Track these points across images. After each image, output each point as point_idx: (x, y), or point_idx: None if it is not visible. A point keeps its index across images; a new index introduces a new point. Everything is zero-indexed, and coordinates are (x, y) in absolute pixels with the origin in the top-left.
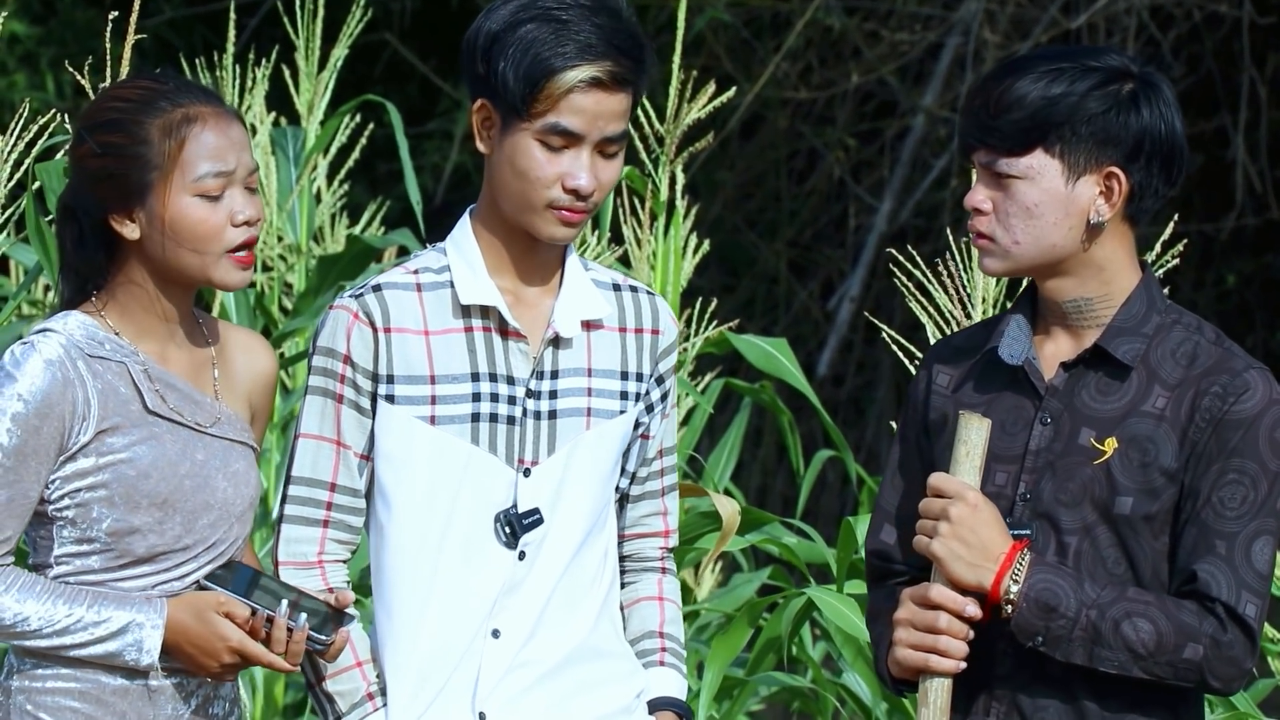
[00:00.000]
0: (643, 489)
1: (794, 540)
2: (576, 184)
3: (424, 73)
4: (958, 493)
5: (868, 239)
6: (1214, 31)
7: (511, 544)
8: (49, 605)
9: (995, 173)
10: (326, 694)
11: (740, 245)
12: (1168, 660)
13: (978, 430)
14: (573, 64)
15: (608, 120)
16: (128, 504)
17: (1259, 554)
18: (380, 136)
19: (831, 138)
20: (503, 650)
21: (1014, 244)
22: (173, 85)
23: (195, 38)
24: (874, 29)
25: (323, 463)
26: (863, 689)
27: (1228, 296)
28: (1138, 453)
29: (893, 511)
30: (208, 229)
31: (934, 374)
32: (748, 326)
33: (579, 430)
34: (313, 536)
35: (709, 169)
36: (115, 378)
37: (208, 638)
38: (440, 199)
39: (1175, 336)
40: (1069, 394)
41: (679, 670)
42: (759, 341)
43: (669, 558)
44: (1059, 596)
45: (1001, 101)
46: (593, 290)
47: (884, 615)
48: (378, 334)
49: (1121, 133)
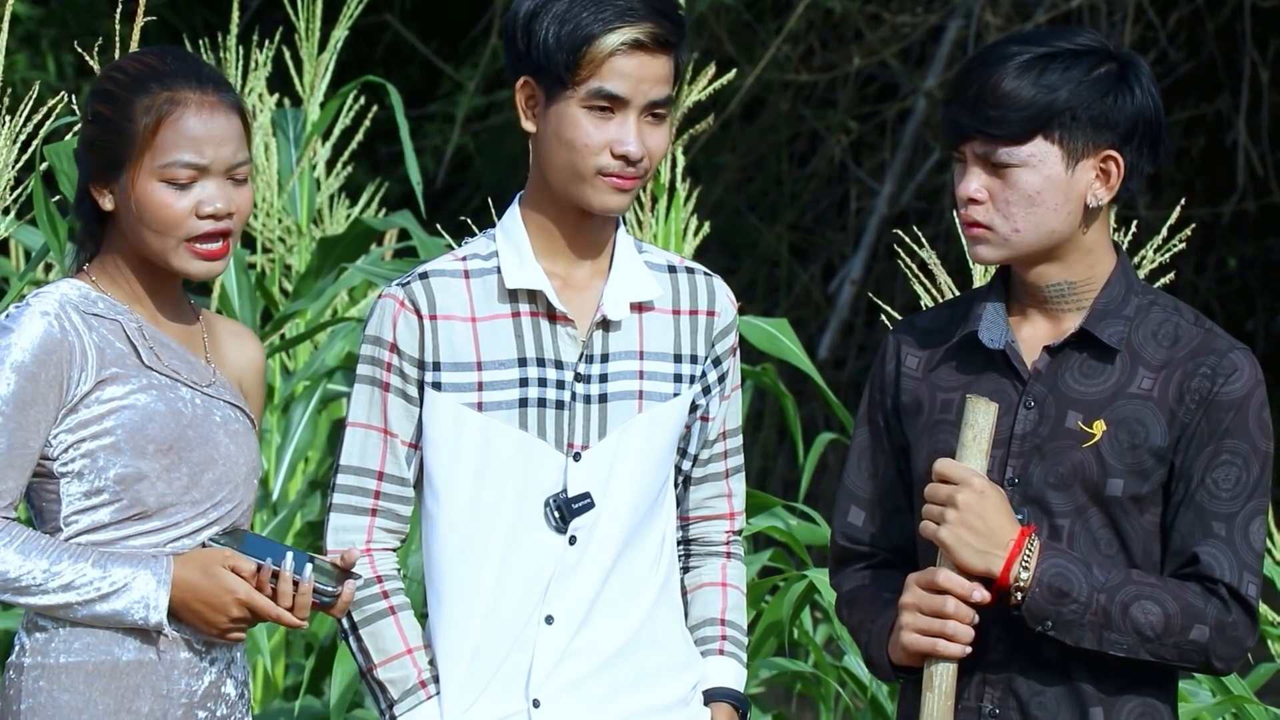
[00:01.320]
0: (705, 471)
1: (795, 523)
2: (625, 149)
3: (425, 55)
4: (964, 479)
5: (869, 222)
6: (1215, 14)
7: (561, 529)
8: (54, 561)
9: (992, 162)
10: (378, 681)
11: (741, 228)
12: (1175, 642)
13: (985, 414)
14: (613, 26)
15: (652, 84)
16: (134, 449)
17: (1255, 534)
18: (381, 118)
19: (833, 120)
20: (556, 637)
21: (1014, 232)
22: (173, 66)
23: (196, 19)
24: (875, 11)
25: (371, 451)
26: (864, 671)
27: (1229, 280)
28: (1127, 434)
29: (860, 495)
30: (168, 215)
31: (903, 356)
32: (749, 309)
33: (631, 413)
34: (361, 525)
35: (710, 151)
36: (110, 333)
37: (215, 591)
38: (441, 181)
39: (1155, 317)
40: (1052, 377)
41: (739, 660)
42: (761, 323)
43: (735, 541)
44: (1070, 581)
45: (998, 91)
46: (644, 272)
47: (862, 601)
48: (424, 321)
49: (1118, 116)
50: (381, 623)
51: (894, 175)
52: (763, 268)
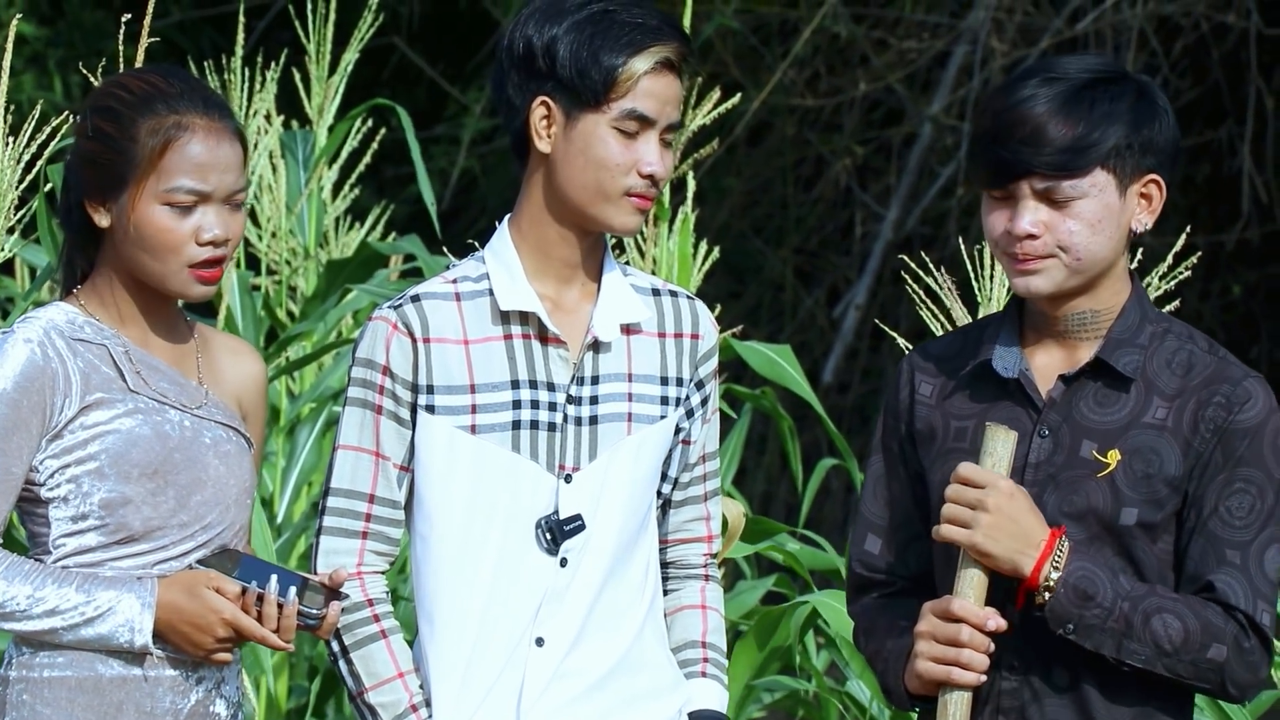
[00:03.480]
0: (685, 494)
1: (797, 546)
2: (652, 169)
3: (431, 77)
4: (991, 482)
5: (874, 246)
6: (1221, 42)
7: (553, 550)
8: (37, 587)
9: (1052, 197)
10: (369, 705)
11: (746, 252)
12: (1192, 659)
13: (1004, 443)
14: (645, 47)
15: (674, 106)
16: (118, 474)
17: (1270, 562)
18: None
19: (838, 145)
20: (547, 659)
21: (1075, 261)
22: (178, 88)
23: (204, 40)
24: (881, 37)
25: (362, 474)
26: (864, 694)
27: (1233, 307)
28: (1141, 464)
29: (876, 522)
30: (170, 239)
31: (916, 383)
32: (753, 333)
33: (620, 436)
34: (351, 548)
35: (716, 175)
36: (96, 358)
37: (200, 612)
38: (447, 204)
39: (1169, 346)
40: (1067, 406)
41: (720, 681)
42: (762, 348)
43: (712, 564)
44: (1097, 585)
45: (1054, 130)
46: (632, 294)
47: (880, 630)
48: (417, 344)
49: (1159, 139)
50: (372, 646)
51: (899, 200)
52: (767, 292)
